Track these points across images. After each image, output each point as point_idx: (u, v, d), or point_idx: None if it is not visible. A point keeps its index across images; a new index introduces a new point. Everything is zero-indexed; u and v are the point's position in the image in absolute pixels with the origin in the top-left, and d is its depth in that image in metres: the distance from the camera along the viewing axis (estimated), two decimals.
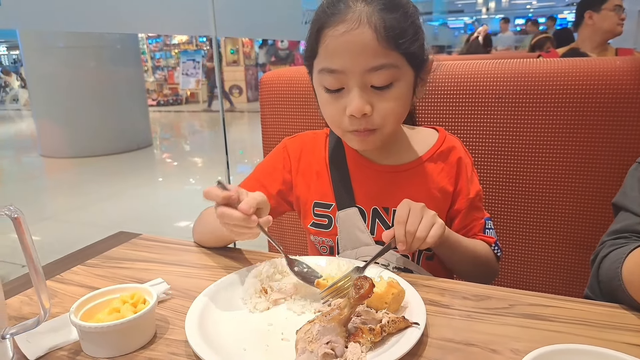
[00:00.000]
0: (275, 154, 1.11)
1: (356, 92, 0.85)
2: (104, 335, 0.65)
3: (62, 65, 6.22)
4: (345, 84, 0.86)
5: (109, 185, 5.24)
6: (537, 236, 1.23)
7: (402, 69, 0.86)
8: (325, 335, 0.60)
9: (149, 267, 0.95)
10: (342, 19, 0.83)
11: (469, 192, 1.01)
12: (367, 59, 0.83)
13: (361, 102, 0.85)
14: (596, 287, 0.83)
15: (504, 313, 0.73)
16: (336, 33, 0.83)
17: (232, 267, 0.92)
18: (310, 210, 1.05)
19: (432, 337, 0.67)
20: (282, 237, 1.49)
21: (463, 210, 1.00)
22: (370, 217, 1.00)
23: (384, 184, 1.00)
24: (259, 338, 0.69)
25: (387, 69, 0.84)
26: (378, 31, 0.81)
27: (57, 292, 0.85)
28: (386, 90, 0.86)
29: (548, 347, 0.55)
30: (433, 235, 0.83)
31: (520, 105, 1.17)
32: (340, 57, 0.84)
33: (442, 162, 1.01)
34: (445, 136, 1.04)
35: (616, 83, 1.10)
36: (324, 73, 0.87)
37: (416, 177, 1.00)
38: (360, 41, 0.82)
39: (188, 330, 0.67)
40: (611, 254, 0.81)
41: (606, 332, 0.67)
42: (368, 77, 0.84)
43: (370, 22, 0.82)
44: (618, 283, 0.75)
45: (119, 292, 0.74)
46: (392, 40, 0.82)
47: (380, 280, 0.72)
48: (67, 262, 0.98)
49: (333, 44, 0.84)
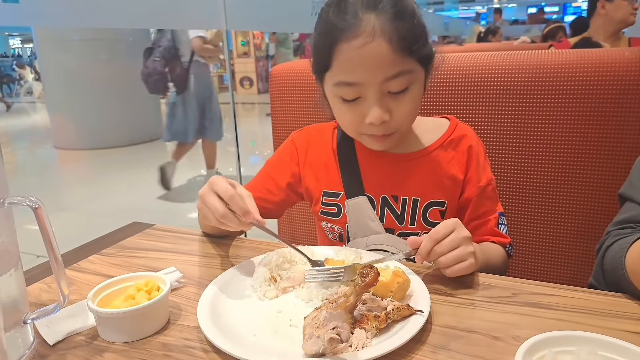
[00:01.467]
0: (284, 148, 1.14)
1: (375, 102, 0.87)
2: (119, 320, 0.68)
3: (76, 58, 6.28)
4: (362, 93, 0.88)
5: (122, 176, 5.31)
6: (544, 227, 1.24)
7: (415, 73, 0.88)
8: (331, 321, 0.62)
9: (162, 257, 0.97)
10: (356, 33, 0.83)
11: (480, 179, 1.00)
12: (384, 70, 0.84)
13: (381, 112, 0.87)
14: (600, 276, 0.85)
15: (507, 301, 0.75)
16: (351, 48, 0.84)
17: (242, 257, 0.95)
18: (320, 199, 1.07)
19: (436, 324, 0.69)
20: (292, 227, 1.51)
21: (474, 199, 1.00)
22: (379, 205, 1.02)
23: (393, 172, 1.01)
24: (268, 324, 0.71)
25: (404, 75, 0.86)
26: (393, 42, 0.83)
27: (75, 280, 0.89)
28: (403, 95, 0.88)
29: (547, 334, 0.56)
30: (455, 271, 0.79)
31: (528, 96, 1.17)
32: (357, 71, 0.85)
33: (452, 150, 1.01)
34: (457, 124, 1.05)
35: (625, 74, 1.10)
36: (341, 85, 0.88)
37: (426, 165, 1.01)
38: (377, 54, 0.83)
39: (200, 317, 0.70)
40: (615, 243, 0.82)
41: (608, 320, 0.68)
42: (385, 86, 0.86)
43: (384, 34, 0.82)
44: (621, 272, 0.76)
45: (133, 280, 0.76)
46: (407, 49, 0.84)
47: (386, 269, 0.74)
48: (84, 251, 1.01)
49: (348, 58, 0.85)
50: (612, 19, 2.71)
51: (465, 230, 0.81)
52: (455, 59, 1.24)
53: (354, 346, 0.62)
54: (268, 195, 1.09)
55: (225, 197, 0.80)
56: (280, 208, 1.14)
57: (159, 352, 0.66)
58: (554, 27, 4.78)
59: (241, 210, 0.80)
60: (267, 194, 1.09)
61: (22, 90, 15.44)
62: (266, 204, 1.09)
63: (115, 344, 0.68)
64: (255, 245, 1.01)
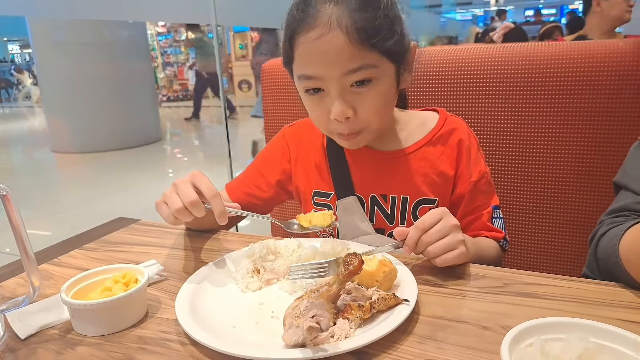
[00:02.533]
0: (275, 142, 1.11)
1: (336, 96, 0.83)
2: (93, 312, 0.65)
3: (72, 61, 6.25)
4: (324, 87, 0.84)
5: (119, 179, 5.28)
6: (538, 219, 1.21)
7: (380, 67, 0.84)
8: (312, 310, 0.60)
9: (145, 251, 0.95)
10: (313, 25, 0.80)
11: (471, 175, 0.97)
12: (343, 63, 0.80)
13: (342, 107, 0.83)
14: (594, 265, 0.82)
15: (498, 291, 0.72)
16: (308, 40, 0.81)
17: (227, 250, 0.92)
18: (310, 199, 1.04)
19: (424, 314, 0.67)
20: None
21: (467, 195, 0.97)
22: (369, 205, 0.99)
23: (381, 171, 0.98)
24: (249, 316, 0.68)
25: (365, 69, 0.82)
26: (350, 34, 0.78)
27: (53, 275, 0.86)
28: (367, 90, 0.84)
29: (535, 320, 0.54)
30: (445, 260, 0.76)
31: (522, 88, 1.15)
32: (315, 64, 0.82)
33: (441, 146, 0.98)
34: (447, 118, 1.01)
35: (619, 65, 1.08)
36: (303, 79, 0.86)
37: (414, 162, 0.97)
38: (334, 46, 0.79)
39: (178, 308, 0.67)
40: (609, 231, 0.80)
41: (601, 309, 0.66)
42: (346, 79, 0.82)
43: (342, 25, 0.78)
44: (615, 260, 0.73)
45: (111, 272, 0.74)
46: (366, 42, 0.80)
47: (373, 258, 0.72)
48: (66, 246, 0.99)
49: (306, 50, 0.82)
50: (608, 16, 2.69)
51: (453, 219, 0.78)
52: (449, 51, 1.23)
53: (336, 336, 0.59)
54: (257, 192, 1.07)
55: (208, 195, 0.79)
56: (268, 205, 1.12)
57: (134, 345, 0.64)
58: (550, 26, 4.76)
59: (219, 210, 0.78)
60: (256, 189, 1.07)
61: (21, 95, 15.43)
62: (254, 200, 1.06)
63: (89, 338, 0.66)
64: (242, 238, 0.98)
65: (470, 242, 0.84)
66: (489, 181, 1.00)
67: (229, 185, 1.10)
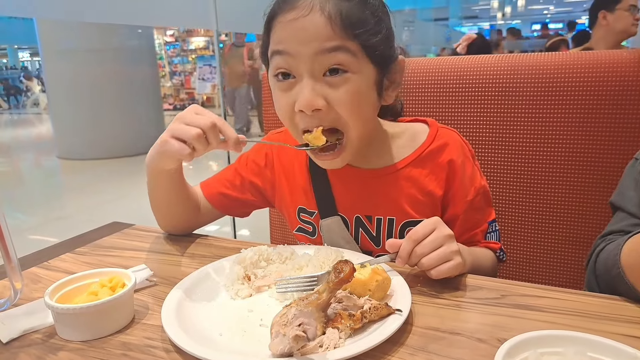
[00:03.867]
0: (260, 149, 1.05)
1: (306, 81, 0.76)
2: (77, 317, 0.63)
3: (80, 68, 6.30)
4: (295, 70, 0.78)
5: (123, 186, 5.29)
6: (536, 231, 1.19)
7: (359, 59, 0.77)
8: (299, 318, 0.58)
9: (136, 256, 0.93)
10: (293, 6, 0.76)
11: (467, 194, 0.91)
12: (318, 42, 0.75)
13: (311, 94, 0.76)
14: (594, 283, 0.80)
15: (495, 303, 0.70)
16: (285, 20, 0.76)
17: (220, 256, 0.90)
18: (295, 214, 1.00)
19: (417, 325, 0.65)
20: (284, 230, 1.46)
21: (461, 215, 0.91)
22: (353, 226, 0.94)
23: (365, 190, 0.92)
24: (237, 324, 0.66)
25: (342, 52, 0.75)
26: (332, 18, 0.74)
27: (42, 278, 0.84)
28: (341, 81, 0.77)
29: (531, 333, 0.52)
30: (441, 272, 0.73)
31: (523, 99, 1.14)
32: (288, 40, 0.77)
33: (430, 162, 0.91)
34: (437, 131, 0.93)
35: (623, 75, 1.06)
36: (274, 57, 0.79)
37: (400, 181, 0.91)
38: (311, 26, 0.74)
39: (164, 315, 0.65)
40: (608, 245, 0.78)
41: (599, 322, 0.64)
42: (319, 62, 0.76)
43: (324, 9, 0.74)
44: (617, 271, 0.71)
45: (97, 276, 0.72)
46: (348, 28, 0.75)
47: (366, 267, 0.70)
48: (57, 250, 0.97)
49: (282, 28, 0.77)
50: (613, 30, 2.67)
51: (447, 228, 0.75)
52: (451, 60, 1.21)
53: (324, 346, 0.57)
54: (233, 192, 1.03)
55: (219, 123, 0.76)
56: (245, 208, 1.07)
57: (118, 351, 0.62)
58: (557, 40, 4.76)
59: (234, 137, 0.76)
60: (232, 190, 1.03)
61: (29, 101, 15.57)
62: (229, 201, 1.03)
63: (72, 343, 0.64)
64: (235, 244, 0.97)
65: (467, 251, 0.81)
66: (485, 194, 0.94)
67: (204, 183, 1.06)
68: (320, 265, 0.79)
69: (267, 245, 0.85)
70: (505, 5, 18.23)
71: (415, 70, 1.24)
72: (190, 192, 1.00)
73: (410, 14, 10.28)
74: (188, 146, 0.76)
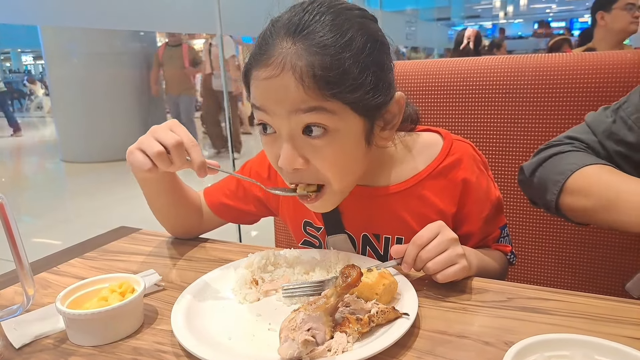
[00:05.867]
0: (262, 160, 1.02)
1: (284, 140, 0.73)
2: (88, 322, 0.64)
3: (83, 72, 6.35)
4: (275, 125, 0.74)
5: (127, 189, 5.29)
6: (543, 234, 1.19)
7: (340, 116, 0.71)
8: (308, 323, 0.58)
9: (145, 260, 0.94)
10: (266, 63, 0.70)
11: (483, 210, 0.89)
12: (291, 104, 0.70)
13: (290, 153, 0.73)
14: (534, 167, 0.91)
15: (501, 306, 0.70)
16: (259, 77, 0.72)
17: (227, 261, 0.91)
18: (301, 228, 0.99)
19: (424, 328, 0.65)
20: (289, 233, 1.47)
21: (477, 231, 0.89)
22: (360, 244, 0.92)
23: (373, 208, 0.89)
24: (246, 328, 0.67)
25: (319, 112, 0.70)
26: (303, 80, 0.68)
27: (51, 284, 0.85)
28: (322, 143, 0.72)
29: (538, 337, 0.52)
30: (447, 275, 0.72)
31: (530, 100, 1.14)
32: (263, 99, 0.73)
33: (443, 179, 0.86)
34: (451, 145, 0.88)
35: (627, 76, 1.06)
36: (255, 109, 0.76)
37: (410, 199, 0.87)
38: (282, 87, 0.69)
39: (173, 319, 0.66)
40: (571, 153, 0.87)
41: (607, 325, 0.64)
42: (297, 120, 0.71)
43: (295, 68, 0.68)
44: (561, 177, 0.83)
45: (107, 281, 0.73)
46: (323, 89, 0.68)
47: (372, 271, 0.70)
48: (66, 255, 0.98)
49: (256, 86, 0.74)
50: (612, 30, 2.67)
51: (451, 232, 0.75)
52: (453, 63, 1.22)
53: (333, 350, 0.58)
54: (236, 203, 1.02)
55: (187, 144, 0.75)
56: (250, 217, 1.07)
57: (129, 356, 0.63)
58: (559, 39, 4.76)
59: (199, 161, 0.75)
60: (236, 201, 1.02)
61: (33, 105, 15.62)
62: (232, 211, 1.03)
63: (83, 348, 0.65)
64: (242, 249, 0.97)
65: (472, 254, 0.82)
66: (499, 205, 0.92)
67: (207, 191, 1.05)
68: (327, 269, 0.80)
69: (274, 249, 0.86)
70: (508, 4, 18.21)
71: (416, 73, 1.24)
72: (188, 196, 0.99)
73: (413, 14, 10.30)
74: (151, 162, 0.75)
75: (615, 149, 0.87)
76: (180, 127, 0.78)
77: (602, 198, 0.78)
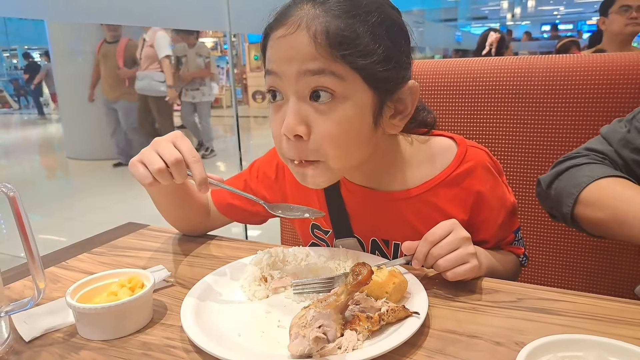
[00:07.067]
0: (270, 160, 1.02)
1: (291, 103, 0.72)
2: (98, 317, 0.64)
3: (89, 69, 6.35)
4: (283, 89, 0.74)
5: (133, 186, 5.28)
6: (553, 235, 1.19)
7: (348, 83, 0.71)
8: (318, 320, 0.58)
9: (153, 256, 0.94)
10: (284, 22, 0.72)
11: (498, 218, 0.88)
12: (301, 63, 0.70)
13: (294, 118, 0.72)
14: (551, 180, 0.92)
15: (512, 306, 0.70)
16: (275, 37, 0.73)
17: (235, 258, 0.91)
18: (309, 230, 0.98)
19: (434, 328, 0.65)
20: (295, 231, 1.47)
21: (492, 237, 0.89)
22: (369, 249, 0.91)
23: (382, 213, 0.88)
24: (255, 325, 0.67)
25: (327, 75, 0.70)
26: (316, 37, 0.69)
27: (60, 278, 0.86)
28: (326, 108, 0.72)
29: (551, 337, 0.52)
30: (457, 274, 0.72)
31: (541, 102, 1.14)
32: (276, 60, 0.73)
33: (455, 187, 0.85)
34: (466, 152, 0.86)
35: (636, 77, 1.06)
36: (267, 76, 0.76)
37: (421, 206, 0.86)
38: (295, 45, 0.70)
39: (183, 315, 0.66)
40: (585, 167, 0.86)
41: (619, 327, 0.64)
42: (304, 83, 0.71)
43: (310, 27, 0.69)
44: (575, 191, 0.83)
45: (117, 276, 0.73)
46: (334, 49, 0.69)
47: (382, 269, 0.70)
48: (74, 250, 0.99)
49: (271, 47, 0.75)
50: (612, 33, 2.72)
51: (464, 231, 0.75)
52: (461, 62, 1.22)
53: (343, 348, 0.58)
54: (243, 204, 1.01)
55: (189, 160, 0.75)
56: (258, 218, 1.05)
57: (138, 350, 0.63)
58: (567, 41, 4.75)
59: (200, 177, 0.75)
60: (243, 202, 1.00)
61: None
62: (239, 211, 1.03)
63: (93, 342, 0.65)
64: (250, 246, 0.97)
65: (483, 254, 0.81)
66: (514, 211, 0.92)
67: (215, 190, 1.03)
68: (336, 267, 0.80)
69: (282, 247, 0.86)
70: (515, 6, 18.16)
71: (424, 72, 1.24)
72: (194, 196, 0.99)
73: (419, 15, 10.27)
74: (152, 176, 0.75)
75: (632, 157, 0.87)
76: (184, 140, 0.77)
77: (615, 211, 0.78)
